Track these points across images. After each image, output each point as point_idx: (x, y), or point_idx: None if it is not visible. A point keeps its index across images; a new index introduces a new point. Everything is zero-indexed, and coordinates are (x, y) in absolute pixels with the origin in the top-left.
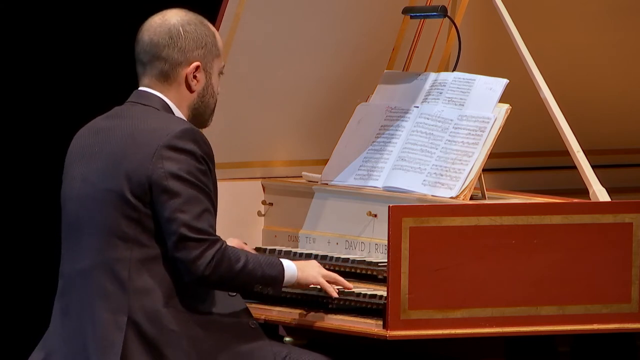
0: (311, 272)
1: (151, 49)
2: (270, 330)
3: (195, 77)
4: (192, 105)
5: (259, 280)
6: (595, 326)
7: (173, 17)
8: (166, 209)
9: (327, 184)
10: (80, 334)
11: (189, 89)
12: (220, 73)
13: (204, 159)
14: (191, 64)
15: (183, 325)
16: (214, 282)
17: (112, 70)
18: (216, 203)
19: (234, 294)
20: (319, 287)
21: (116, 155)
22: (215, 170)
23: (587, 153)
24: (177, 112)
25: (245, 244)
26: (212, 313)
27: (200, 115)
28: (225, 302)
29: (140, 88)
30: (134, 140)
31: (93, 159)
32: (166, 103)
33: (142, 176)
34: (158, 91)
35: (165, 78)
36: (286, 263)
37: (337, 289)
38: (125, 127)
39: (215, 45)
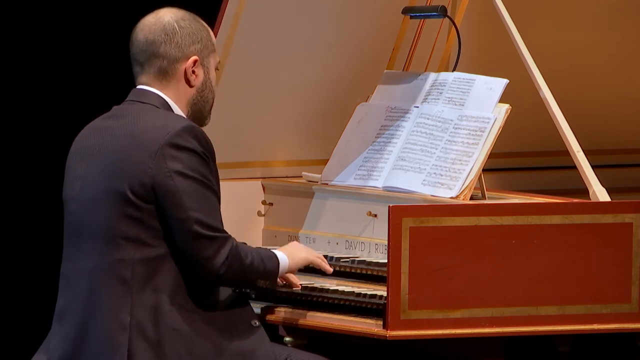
0: (300, 255)
1: (148, 48)
2: (270, 330)
3: (194, 72)
4: (192, 101)
5: (262, 275)
6: (595, 326)
7: (166, 15)
8: (175, 208)
9: (327, 184)
10: (83, 335)
11: (188, 83)
12: (216, 69)
13: (206, 155)
14: (189, 59)
15: (186, 323)
16: (227, 279)
17: (112, 70)
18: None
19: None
20: (318, 286)
21: (116, 154)
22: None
23: (587, 153)
24: (177, 109)
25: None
26: (215, 311)
27: (199, 111)
28: (228, 299)
29: (138, 86)
30: (134, 140)
31: (94, 159)
32: (165, 100)
33: (144, 176)
34: (157, 89)
35: (164, 75)
36: (279, 254)
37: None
38: (124, 126)
39: (210, 41)
